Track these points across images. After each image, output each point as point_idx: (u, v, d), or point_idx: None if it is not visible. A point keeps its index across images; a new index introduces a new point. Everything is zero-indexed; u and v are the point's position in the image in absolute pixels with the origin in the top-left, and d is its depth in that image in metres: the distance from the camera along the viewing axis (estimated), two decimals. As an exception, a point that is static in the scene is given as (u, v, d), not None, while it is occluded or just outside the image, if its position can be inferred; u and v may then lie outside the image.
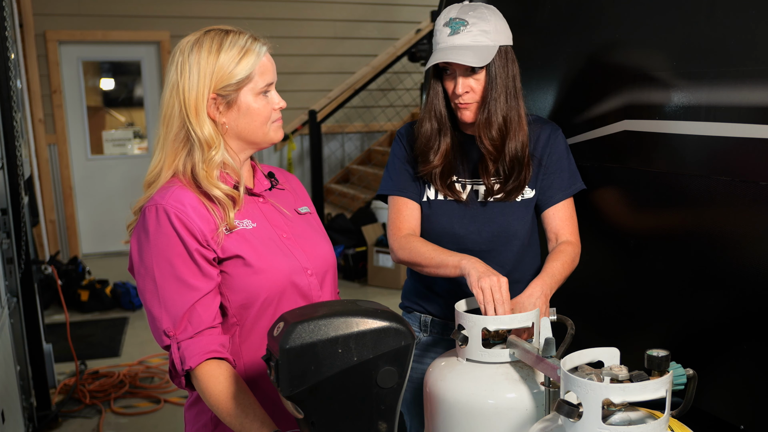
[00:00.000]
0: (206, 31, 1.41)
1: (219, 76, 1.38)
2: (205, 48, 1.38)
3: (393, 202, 1.89)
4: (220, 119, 1.41)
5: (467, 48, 1.70)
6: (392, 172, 1.90)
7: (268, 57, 1.44)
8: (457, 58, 1.69)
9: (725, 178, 1.59)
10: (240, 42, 1.40)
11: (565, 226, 1.84)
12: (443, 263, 1.67)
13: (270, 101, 1.44)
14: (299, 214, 1.55)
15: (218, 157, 1.40)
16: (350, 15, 7.67)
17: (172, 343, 1.34)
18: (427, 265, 1.72)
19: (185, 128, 1.38)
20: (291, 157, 7.40)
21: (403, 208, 1.86)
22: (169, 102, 1.40)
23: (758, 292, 1.55)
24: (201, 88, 1.37)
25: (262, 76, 1.42)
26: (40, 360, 3.49)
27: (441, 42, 1.73)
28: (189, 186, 1.39)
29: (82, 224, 7.10)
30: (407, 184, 1.87)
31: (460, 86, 1.74)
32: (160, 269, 1.33)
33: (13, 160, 3.22)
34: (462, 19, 1.72)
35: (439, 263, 1.68)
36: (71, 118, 7.00)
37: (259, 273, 1.38)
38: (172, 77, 1.40)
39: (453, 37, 1.71)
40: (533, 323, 1.46)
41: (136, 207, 1.42)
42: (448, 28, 1.72)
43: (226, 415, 1.30)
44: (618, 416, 1.10)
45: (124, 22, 6.94)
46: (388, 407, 1.10)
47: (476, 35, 1.71)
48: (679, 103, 1.69)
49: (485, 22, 1.73)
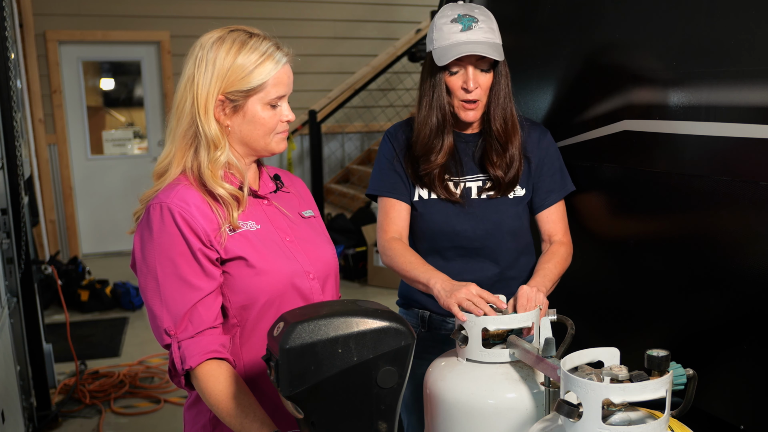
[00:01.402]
0: (231, 30, 1.39)
1: (231, 79, 1.36)
2: (225, 47, 1.36)
3: (382, 203, 1.90)
4: (225, 121, 1.40)
5: (484, 44, 1.72)
6: (381, 173, 1.90)
7: (286, 68, 1.41)
8: (484, 51, 1.70)
9: (725, 178, 1.58)
10: (261, 48, 1.37)
11: (557, 227, 1.89)
12: (415, 278, 1.72)
13: (278, 113, 1.42)
14: (303, 217, 1.55)
15: (223, 157, 1.39)
16: (350, 15, 7.67)
17: (172, 342, 1.33)
18: (403, 276, 1.78)
19: (195, 124, 1.38)
20: (291, 157, 7.40)
21: (391, 210, 1.87)
22: (182, 95, 1.39)
23: (758, 292, 1.55)
24: (212, 87, 1.36)
25: (276, 87, 1.39)
26: (40, 360, 3.49)
27: (452, 38, 1.72)
28: (195, 185, 1.39)
29: (82, 224, 7.10)
30: (396, 184, 1.87)
31: (472, 82, 1.74)
32: (163, 268, 1.33)
33: (13, 160, 3.22)
34: (471, 16, 1.73)
35: (412, 278, 1.73)
36: (71, 118, 7.00)
37: (260, 275, 1.38)
38: (189, 70, 1.38)
39: (467, 33, 1.71)
40: (533, 323, 1.46)
41: (144, 197, 1.42)
42: (458, 24, 1.72)
43: (226, 415, 1.30)
44: (618, 416, 1.10)
45: (124, 22, 6.94)
46: (388, 407, 1.10)
47: (487, 32, 1.73)
48: (679, 103, 1.69)
49: (491, 21, 1.77)
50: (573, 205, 1.98)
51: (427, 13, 6.93)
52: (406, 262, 1.76)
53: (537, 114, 2.18)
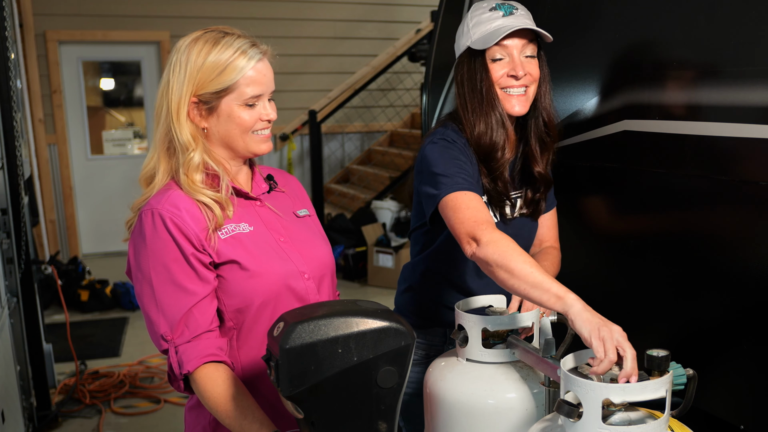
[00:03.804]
0: (207, 31, 1.38)
1: (202, 81, 1.34)
2: (197, 48, 1.34)
3: (467, 197, 1.57)
4: (201, 123, 1.38)
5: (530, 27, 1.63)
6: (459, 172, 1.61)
7: (262, 66, 1.36)
8: (535, 27, 1.61)
9: (725, 178, 1.59)
10: (234, 45, 1.34)
11: (550, 234, 1.87)
12: (541, 285, 1.33)
13: (257, 111, 1.38)
14: (298, 217, 1.53)
15: (197, 157, 1.37)
16: (350, 15, 7.67)
17: (169, 347, 1.33)
18: (518, 276, 1.37)
19: (170, 131, 1.37)
20: (291, 157, 7.40)
21: (481, 202, 1.57)
22: (160, 101, 1.38)
23: (758, 292, 1.55)
24: (185, 90, 1.35)
25: (250, 86, 1.35)
26: (40, 360, 3.49)
27: (496, 22, 1.63)
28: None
29: (82, 224, 7.10)
30: (477, 185, 1.65)
31: (520, 66, 1.62)
32: (157, 274, 1.33)
33: (13, 160, 3.22)
34: (511, 4, 1.67)
35: (536, 282, 1.34)
36: (71, 118, 7.00)
37: (254, 277, 1.37)
38: (166, 75, 1.37)
39: (509, 17, 1.63)
40: (533, 323, 1.46)
41: (135, 205, 1.41)
42: (499, 11, 1.64)
43: (225, 417, 1.30)
44: (618, 416, 1.10)
45: (124, 22, 6.94)
46: (388, 407, 1.10)
47: (527, 19, 1.67)
48: (679, 103, 1.69)
49: (528, 12, 1.70)
50: (573, 205, 1.98)
51: (427, 13, 6.93)
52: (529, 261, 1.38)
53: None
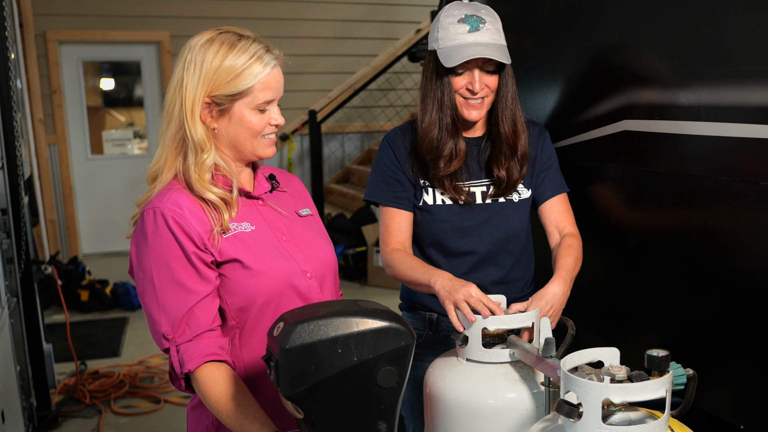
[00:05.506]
0: (221, 32, 1.38)
1: (217, 83, 1.35)
2: (213, 49, 1.35)
3: (383, 212, 1.86)
4: (211, 124, 1.39)
5: (492, 46, 1.69)
6: (380, 179, 1.85)
7: (275, 72, 1.38)
8: (493, 54, 1.68)
9: (725, 178, 1.59)
10: (250, 50, 1.35)
11: (564, 218, 1.86)
12: (417, 281, 1.68)
13: (266, 116, 1.40)
14: (300, 216, 1.54)
15: (209, 160, 1.38)
16: (350, 15, 7.67)
17: (171, 346, 1.33)
18: (407, 282, 1.76)
19: (183, 128, 1.37)
20: (291, 157, 7.40)
21: (391, 222, 1.83)
22: (172, 98, 1.39)
23: (758, 292, 1.55)
24: (199, 89, 1.35)
25: (263, 91, 1.37)
26: (40, 360, 3.49)
27: (459, 39, 1.69)
28: (187, 189, 1.38)
29: (82, 224, 7.10)
30: (396, 192, 1.83)
31: (478, 84, 1.72)
32: (159, 273, 1.33)
33: (13, 160, 3.22)
34: (479, 17, 1.70)
35: (415, 281, 1.70)
36: (71, 118, 7.00)
37: (256, 276, 1.37)
38: (178, 73, 1.38)
39: (474, 34, 1.69)
40: (533, 323, 1.46)
41: (140, 201, 1.42)
42: (465, 24, 1.70)
43: (226, 416, 1.30)
44: (618, 416, 1.10)
45: (124, 22, 6.94)
46: (388, 407, 1.10)
47: (494, 34, 1.71)
48: (679, 103, 1.69)
49: (498, 22, 1.74)
50: (573, 205, 1.98)
51: (427, 13, 6.92)
52: (407, 268, 1.73)
53: (538, 114, 2.18)
